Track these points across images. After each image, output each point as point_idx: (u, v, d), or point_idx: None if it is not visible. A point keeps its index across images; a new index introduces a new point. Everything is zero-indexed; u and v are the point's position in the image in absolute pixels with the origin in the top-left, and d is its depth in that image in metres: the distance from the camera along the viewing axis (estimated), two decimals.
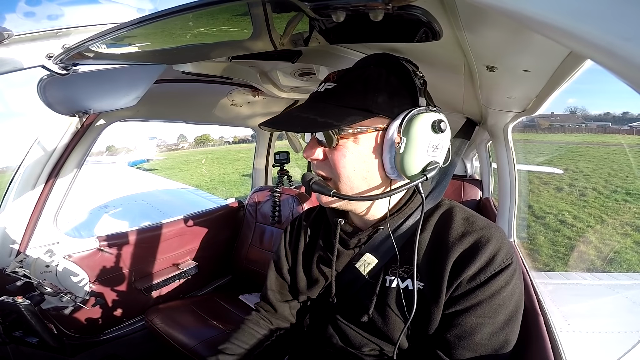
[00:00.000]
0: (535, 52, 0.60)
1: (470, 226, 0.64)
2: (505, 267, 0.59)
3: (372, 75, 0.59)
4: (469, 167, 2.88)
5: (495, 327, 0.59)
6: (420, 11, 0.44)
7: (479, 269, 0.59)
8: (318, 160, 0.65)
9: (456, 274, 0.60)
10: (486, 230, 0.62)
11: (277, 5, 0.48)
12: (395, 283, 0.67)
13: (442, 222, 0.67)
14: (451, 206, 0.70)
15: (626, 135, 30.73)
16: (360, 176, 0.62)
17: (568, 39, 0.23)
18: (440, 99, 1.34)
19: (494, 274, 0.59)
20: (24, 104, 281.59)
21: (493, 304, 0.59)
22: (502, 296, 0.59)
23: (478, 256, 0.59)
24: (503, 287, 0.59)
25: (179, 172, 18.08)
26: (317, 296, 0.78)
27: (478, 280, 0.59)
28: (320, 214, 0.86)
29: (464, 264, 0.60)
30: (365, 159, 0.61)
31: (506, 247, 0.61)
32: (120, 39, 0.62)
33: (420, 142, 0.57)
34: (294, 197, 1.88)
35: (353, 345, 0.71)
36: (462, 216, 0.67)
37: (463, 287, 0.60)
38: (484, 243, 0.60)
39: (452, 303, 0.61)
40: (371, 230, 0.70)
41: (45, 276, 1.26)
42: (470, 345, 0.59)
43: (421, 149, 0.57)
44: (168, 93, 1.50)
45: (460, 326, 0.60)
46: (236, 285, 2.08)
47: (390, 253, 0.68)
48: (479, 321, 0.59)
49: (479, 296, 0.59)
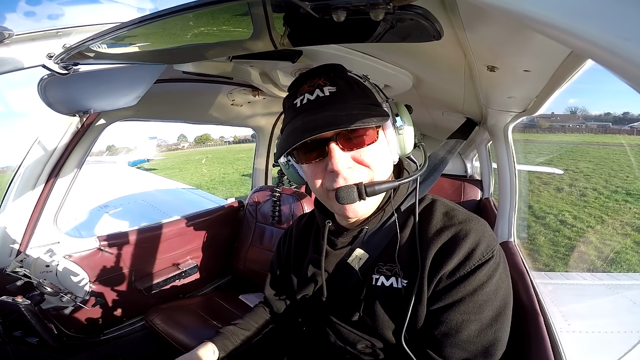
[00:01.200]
0: (535, 52, 0.60)
1: (449, 220, 0.64)
2: (486, 261, 0.59)
3: (354, 79, 0.64)
4: (469, 167, 2.87)
5: (483, 324, 0.58)
6: (420, 11, 0.44)
7: (458, 264, 0.59)
8: (346, 169, 0.60)
9: (435, 270, 0.60)
10: (465, 223, 0.62)
11: (277, 5, 0.48)
12: (380, 281, 0.67)
13: (423, 217, 0.67)
14: (432, 200, 0.71)
15: (627, 135, 30.70)
16: (387, 166, 0.66)
17: (568, 39, 0.23)
18: (440, 98, 1.35)
19: (474, 268, 0.58)
20: (24, 104, 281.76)
21: (477, 299, 0.58)
22: (486, 291, 0.58)
23: (456, 250, 0.59)
24: (485, 282, 0.58)
25: (179, 172, 18.10)
26: (311, 296, 0.79)
27: (457, 275, 0.59)
28: (310, 219, 0.88)
29: (442, 259, 0.60)
30: (385, 148, 0.65)
31: (486, 240, 0.60)
32: (121, 38, 0.62)
33: (409, 123, 0.66)
34: (294, 197, 1.88)
35: (348, 343, 0.72)
36: (442, 210, 0.67)
37: (443, 282, 0.60)
38: (462, 237, 0.60)
39: (435, 299, 0.61)
40: (357, 229, 0.70)
41: (46, 276, 1.26)
42: (458, 343, 0.59)
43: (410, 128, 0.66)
44: (168, 93, 1.50)
45: (446, 323, 0.59)
46: (236, 285, 2.08)
47: (377, 250, 0.69)
48: (463, 317, 0.58)
49: (461, 292, 0.59)
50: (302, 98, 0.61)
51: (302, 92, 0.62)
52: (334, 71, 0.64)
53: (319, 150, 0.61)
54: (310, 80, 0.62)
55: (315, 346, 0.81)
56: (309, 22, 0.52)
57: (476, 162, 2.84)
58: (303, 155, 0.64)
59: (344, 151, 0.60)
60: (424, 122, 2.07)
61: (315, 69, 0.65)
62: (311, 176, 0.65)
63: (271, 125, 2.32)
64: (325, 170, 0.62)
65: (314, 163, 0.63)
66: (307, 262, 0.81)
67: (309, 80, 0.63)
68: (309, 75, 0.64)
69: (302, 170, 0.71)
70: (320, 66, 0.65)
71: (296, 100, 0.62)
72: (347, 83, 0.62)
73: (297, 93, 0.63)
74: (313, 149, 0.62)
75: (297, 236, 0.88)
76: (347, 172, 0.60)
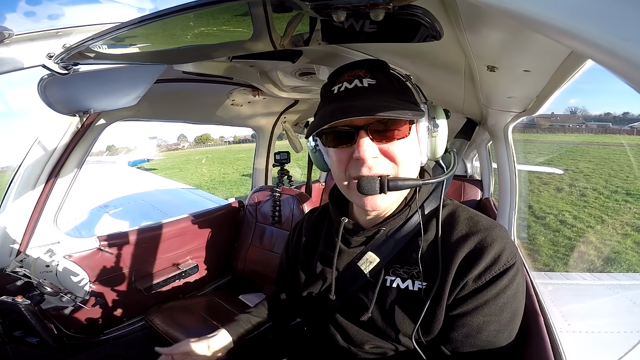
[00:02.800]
0: (535, 52, 0.60)
1: (474, 226, 0.64)
2: (510, 267, 0.60)
3: (395, 76, 0.64)
4: (469, 167, 2.87)
5: (501, 325, 0.60)
6: (420, 11, 0.44)
7: (485, 269, 0.60)
8: (372, 159, 0.60)
9: (462, 274, 0.61)
10: (490, 230, 0.63)
11: (277, 5, 0.48)
12: (396, 283, 0.67)
13: (446, 222, 0.67)
14: (455, 207, 0.71)
15: (627, 135, 30.70)
16: (414, 165, 0.66)
17: (568, 39, 0.23)
18: (440, 99, 1.35)
19: (499, 273, 0.60)
20: (25, 104, 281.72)
21: (499, 302, 0.60)
22: (507, 294, 0.60)
23: (483, 256, 0.60)
24: (507, 285, 0.60)
25: (179, 171, 18.09)
26: (319, 294, 0.78)
27: (483, 280, 0.60)
28: (322, 214, 0.87)
29: (469, 265, 0.60)
30: (415, 147, 0.65)
31: (510, 247, 0.62)
32: (121, 38, 0.63)
33: (444, 127, 0.66)
34: (294, 197, 1.88)
35: (354, 343, 0.71)
36: (465, 216, 0.67)
37: (469, 287, 0.61)
38: (489, 243, 0.61)
39: (458, 303, 0.62)
40: (374, 229, 0.70)
41: (45, 276, 1.26)
42: (477, 343, 0.60)
43: (445, 132, 0.66)
44: (168, 93, 1.50)
45: (468, 325, 0.60)
46: (236, 285, 2.08)
47: (392, 253, 0.68)
48: (485, 319, 0.60)
49: (485, 295, 0.60)
50: (341, 86, 0.61)
51: (341, 81, 0.62)
52: (376, 66, 0.64)
53: (348, 137, 0.61)
54: (351, 71, 0.62)
55: (318, 346, 0.81)
56: (308, 23, 0.52)
57: (476, 162, 2.84)
58: (332, 139, 0.64)
59: (373, 142, 0.60)
60: None
61: (358, 61, 0.65)
62: (336, 161, 0.65)
63: (271, 125, 2.32)
64: (351, 157, 0.62)
65: (341, 148, 0.63)
66: (316, 259, 0.80)
67: (349, 70, 0.63)
68: (351, 66, 0.64)
69: (327, 157, 0.71)
70: (363, 59, 0.66)
71: (334, 87, 0.62)
72: (387, 78, 0.62)
73: (336, 81, 0.63)
74: (343, 134, 0.62)
75: (307, 231, 0.86)
76: (373, 161, 0.60)
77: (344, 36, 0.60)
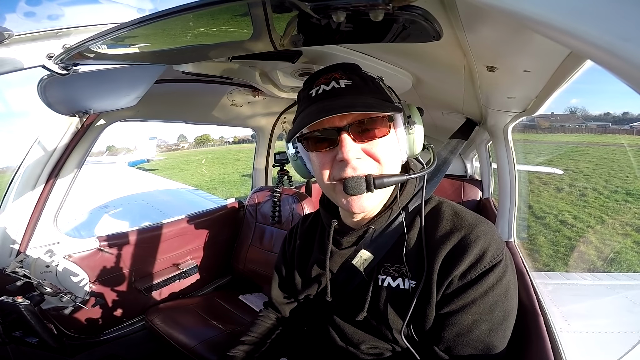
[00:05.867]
0: (535, 52, 0.60)
1: (458, 222, 0.64)
2: (497, 264, 0.59)
3: (369, 77, 0.65)
4: (469, 167, 2.87)
5: (494, 324, 0.59)
6: (420, 11, 0.44)
7: (469, 266, 0.59)
8: (356, 159, 0.60)
9: (446, 272, 0.60)
10: (475, 226, 0.62)
11: (277, 6, 0.48)
12: (387, 282, 0.67)
13: (431, 219, 0.67)
14: (439, 202, 0.71)
15: (626, 135, 30.69)
16: (396, 163, 0.66)
17: (568, 39, 0.23)
18: (440, 99, 1.35)
19: (485, 270, 0.59)
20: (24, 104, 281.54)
21: (487, 301, 0.59)
22: (496, 292, 0.59)
23: (467, 253, 0.59)
24: (496, 283, 0.59)
25: (179, 172, 18.09)
26: (315, 296, 0.79)
27: (469, 277, 0.59)
28: (315, 219, 0.88)
29: (453, 261, 0.60)
30: (395, 145, 0.66)
31: (496, 244, 0.61)
32: (121, 39, 0.63)
33: (420, 124, 0.67)
34: (294, 197, 1.88)
35: (352, 343, 0.72)
36: (450, 212, 0.67)
37: (454, 284, 0.60)
38: (473, 240, 0.60)
39: (446, 302, 0.61)
40: (363, 228, 0.70)
41: (45, 276, 1.26)
42: (470, 342, 0.59)
43: (421, 129, 0.67)
44: (168, 93, 1.50)
45: (458, 324, 0.60)
46: (236, 285, 2.08)
47: (384, 249, 0.69)
48: (475, 318, 0.59)
49: (473, 294, 0.59)
50: (318, 89, 0.62)
51: (318, 84, 0.63)
52: (350, 68, 0.65)
53: (330, 140, 0.62)
54: (327, 74, 0.63)
55: (317, 346, 0.81)
56: (309, 23, 0.52)
57: (476, 162, 2.84)
58: (314, 143, 0.64)
59: (355, 142, 0.60)
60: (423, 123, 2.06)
61: (332, 66, 0.66)
62: (319, 166, 0.65)
63: (271, 126, 2.32)
64: (334, 160, 0.62)
65: (324, 152, 0.63)
66: (311, 262, 0.80)
67: (324, 74, 0.64)
68: (325, 70, 0.65)
69: (309, 163, 0.71)
70: (336, 64, 0.67)
71: (311, 90, 0.63)
72: (362, 79, 0.63)
73: (313, 85, 0.64)
74: (324, 137, 0.62)
75: (301, 236, 0.87)
76: (357, 162, 0.60)
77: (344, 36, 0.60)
